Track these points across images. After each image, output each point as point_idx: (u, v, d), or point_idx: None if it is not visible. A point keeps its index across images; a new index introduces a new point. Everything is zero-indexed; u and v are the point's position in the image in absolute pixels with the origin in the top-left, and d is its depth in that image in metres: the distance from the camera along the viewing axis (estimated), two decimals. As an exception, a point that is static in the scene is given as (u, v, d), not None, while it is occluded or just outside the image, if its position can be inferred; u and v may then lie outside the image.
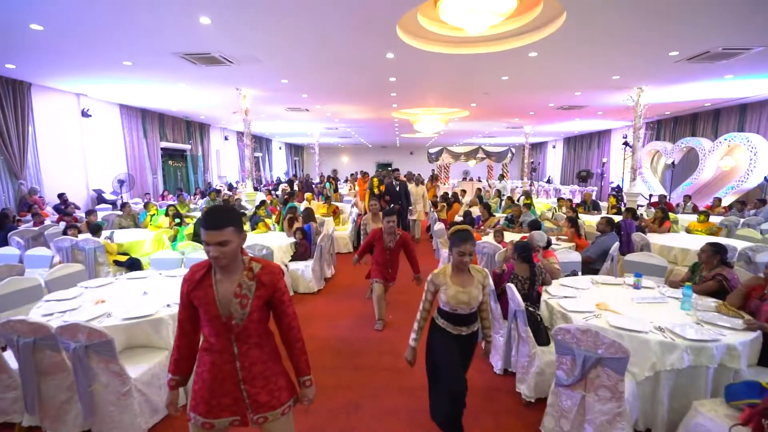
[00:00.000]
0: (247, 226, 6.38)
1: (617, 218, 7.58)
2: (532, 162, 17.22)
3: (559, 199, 8.04)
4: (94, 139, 10.24)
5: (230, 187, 16.08)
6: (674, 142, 13.16)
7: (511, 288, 2.83)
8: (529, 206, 6.29)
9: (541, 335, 2.75)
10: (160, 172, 13.28)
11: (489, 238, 5.11)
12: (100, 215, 7.84)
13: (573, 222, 5.11)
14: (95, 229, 5.12)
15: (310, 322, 4.33)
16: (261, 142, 21.80)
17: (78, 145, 9.78)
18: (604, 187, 17.52)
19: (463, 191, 10.88)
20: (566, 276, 3.71)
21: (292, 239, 5.45)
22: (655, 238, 5.27)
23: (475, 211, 7.49)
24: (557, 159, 23.40)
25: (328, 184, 15.52)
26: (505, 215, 6.66)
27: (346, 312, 4.67)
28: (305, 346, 1.70)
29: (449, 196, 8.60)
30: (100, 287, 3.22)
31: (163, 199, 12.16)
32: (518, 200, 10.39)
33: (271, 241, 5.45)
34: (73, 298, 2.96)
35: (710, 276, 3.18)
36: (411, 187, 8.51)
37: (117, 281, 3.46)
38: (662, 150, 13.18)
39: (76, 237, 4.96)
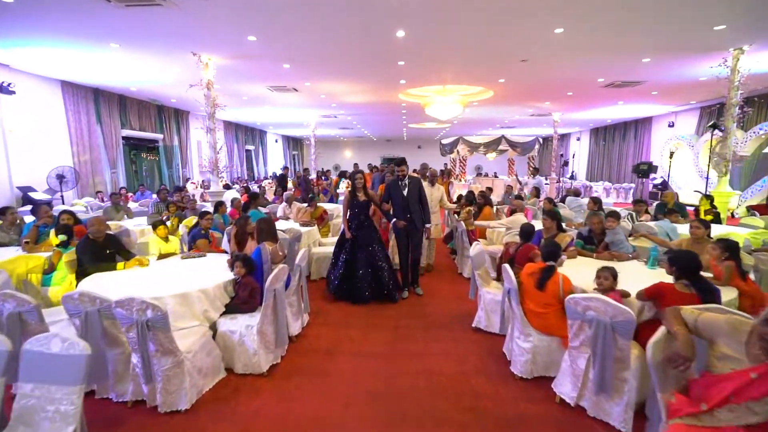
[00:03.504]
0: (171, 246, 4.13)
1: (721, 229, 5.28)
2: (562, 155, 14.81)
3: (637, 202, 5.68)
4: (22, 122, 8.05)
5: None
6: (746, 129, 10.73)
7: None
8: (617, 217, 3.91)
9: None
10: (122, 166, 11.12)
11: (580, 281, 2.81)
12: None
13: (732, 250, 2.81)
14: None
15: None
16: (253, 134, 19.61)
17: (-5, 129, 7.61)
18: (645, 183, 15.09)
19: (489, 189, 8.56)
20: None
21: (231, 275, 3.19)
22: None
23: (520, 218, 5.18)
24: (583, 153, 20.93)
25: (342, 183, 12.84)
26: (575, 230, 4.34)
27: (319, 422, 2.41)
28: None
29: (476, 195, 6.29)
30: None
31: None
32: (561, 200, 8.04)
33: (196, 274, 3.21)
34: None
35: None
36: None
37: None
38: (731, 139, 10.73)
39: None
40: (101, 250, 3.55)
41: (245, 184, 14.75)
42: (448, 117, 11.09)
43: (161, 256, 3.83)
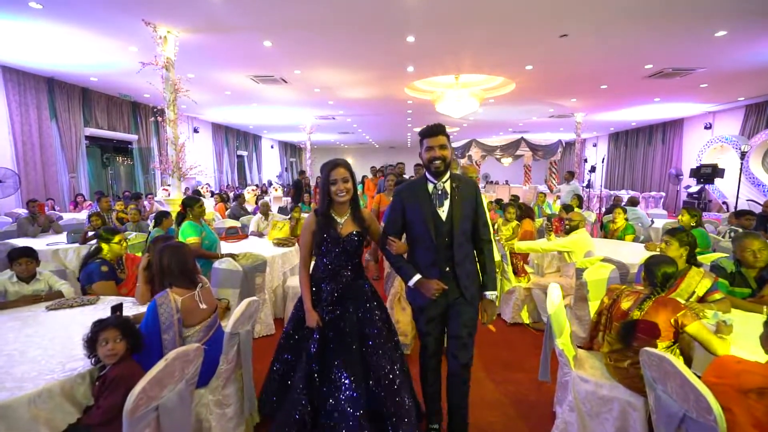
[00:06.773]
0: (39, 284, 2.54)
1: None
2: (586, 160, 13.30)
3: (740, 214, 4.03)
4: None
5: (196, 193, 12.19)
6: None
7: None
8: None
9: None
10: (85, 170, 9.59)
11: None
12: None
13: None
14: None
15: None
16: (246, 139, 18.16)
17: None
18: (679, 192, 13.51)
19: (515, 197, 6.98)
20: None
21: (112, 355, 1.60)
22: None
23: (586, 240, 3.59)
24: (599, 160, 19.39)
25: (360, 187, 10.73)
26: (704, 264, 2.75)
27: None
28: None
29: (514, 205, 4.71)
30: None
31: (75, 207, 8.49)
32: (607, 212, 6.47)
33: (38, 354, 1.62)
34: None
35: None
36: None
37: None
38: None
39: None
40: None
41: (235, 191, 13.23)
42: (462, 114, 9.58)
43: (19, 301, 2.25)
